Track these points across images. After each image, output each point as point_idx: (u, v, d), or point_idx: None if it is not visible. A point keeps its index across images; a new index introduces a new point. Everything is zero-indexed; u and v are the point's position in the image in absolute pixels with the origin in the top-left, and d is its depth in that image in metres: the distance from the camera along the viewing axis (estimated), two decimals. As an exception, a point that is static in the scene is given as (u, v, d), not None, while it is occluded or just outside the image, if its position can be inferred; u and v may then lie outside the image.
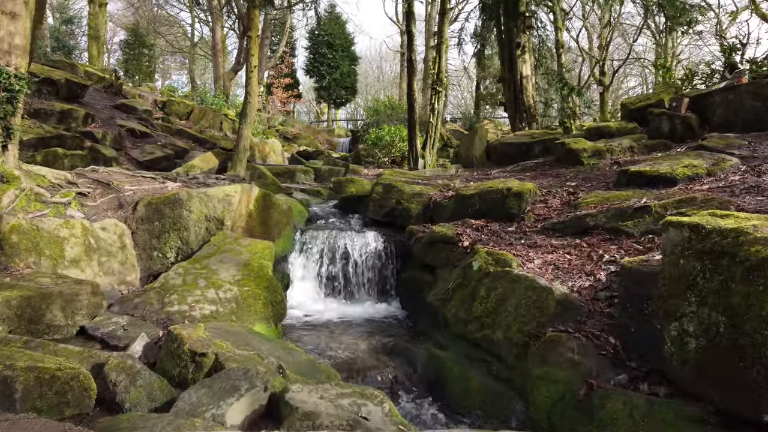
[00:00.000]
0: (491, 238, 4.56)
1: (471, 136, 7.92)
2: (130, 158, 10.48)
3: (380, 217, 6.03)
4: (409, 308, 4.94)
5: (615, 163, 6.46)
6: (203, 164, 8.76)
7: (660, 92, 7.66)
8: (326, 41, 31.87)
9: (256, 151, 15.16)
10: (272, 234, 5.39)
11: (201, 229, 4.37)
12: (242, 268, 3.86)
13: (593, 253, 3.66)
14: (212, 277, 3.72)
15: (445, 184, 6.29)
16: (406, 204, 5.83)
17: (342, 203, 7.27)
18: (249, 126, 8.12)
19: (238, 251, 4.05)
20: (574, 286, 3.23)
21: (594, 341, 2.73)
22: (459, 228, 4.84)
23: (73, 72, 13.99)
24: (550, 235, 4.40)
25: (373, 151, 16.12)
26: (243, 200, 4.85)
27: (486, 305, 3.42)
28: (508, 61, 9.94)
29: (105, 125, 11.02)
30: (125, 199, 4.41)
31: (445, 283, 4.22)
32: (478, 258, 3.74)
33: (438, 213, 5.60)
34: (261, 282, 3.78)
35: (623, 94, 40.89)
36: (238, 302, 3.52)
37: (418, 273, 4.91)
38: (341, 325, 4.45)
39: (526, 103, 9.59)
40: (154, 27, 32.66)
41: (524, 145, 7.58)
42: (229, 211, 4.47)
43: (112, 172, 5.10)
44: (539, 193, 5.39)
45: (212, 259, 3.93)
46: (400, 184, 6.04)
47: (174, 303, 3.42)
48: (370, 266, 5.40)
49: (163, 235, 4.29)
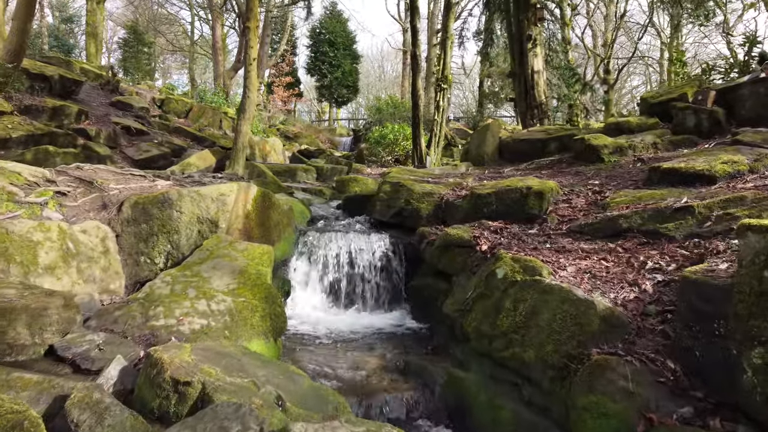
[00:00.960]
0: (512, 241, 4.14)
1: (482, 132, 7.51)
2: (125, 156, 10.09)
3: (388, 218, 5.62)
4: (421, 318, 4.52)
5: (638, 160, 6.05)
6: (200, 162, 8.36)
7: (682, 86, 7.24)
8: (328, 39, 31.49)
9: (257, 150, 14.80)
10: (272, 236, 4.98)
11: (193, 232, 3.97)
12: (238, 276, 3.45)
13: (633, 260, 3.24)
14: (204, 286, 3.31)
15: (456, 182, 5.88)
16: (416, 204, 5.42)
17: (346, 203, 6.86)
18: (248, 122, 7.71)
19: (234, 257, 3.64)
20: (617, 298, 2.81)
21: (649, 366, 2.32)
22: (476, 230, 4.42)
23: (68, 69, 13.63)
24: (578, 238, 3.99)
25: (376, 149, 15.72)
26: (240, 200, 4.44)
27: (513, 319, 3.01)
28: (519, 55, 9.52)
29: (99, 122, 10.63)
30: (110, 199, 4.01)
31: (462, 291, 3.81)
32: (502, 265, 3.33)
33: (451, 214, 5.19)
34: (258, 291, 3.37)
35: (626, 93, 40.42)
36: (232, 315, 3.11)
37: (431, 280, 4.50)
38: (347, 337, 4.04)
39: (538, 98, 9.18)
40: (154, 26, 32.34)
41: (539, 142, 7.16)
42: (223, 212, 4.06)
43: (98, 170, 4.69)
44: (561, 193, 4.98)
45: (204, 266, 3.52)
46: (409, 183, 5.63)
47: (160, 316, 3.01)
48: (378, 271, 4.99)
49: (151, 239, 3.88)
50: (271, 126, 22.35)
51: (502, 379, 2.93)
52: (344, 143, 24.93)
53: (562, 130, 7.40)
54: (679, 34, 27.96)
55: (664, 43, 31.61)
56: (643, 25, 25.81)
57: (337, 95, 31.90)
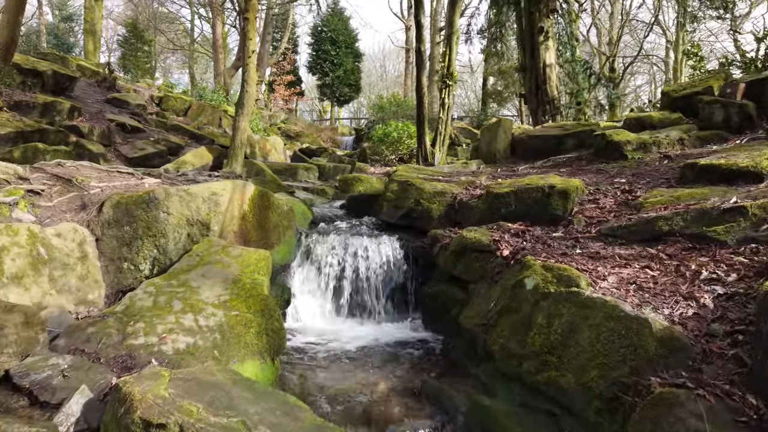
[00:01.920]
0: (536, 245, 3.73)
1: (493, 128, 7.11)
2: (119, 154, 9.70)
3: (395, 219, 5.21)
4: (435, 329, 4.11)
5: (665, 156, 5.63)
6: (196, 160, 7.96)
7: (707, 79, 6.82)
8: (329, 38, 31.07)
9: (257, 149, 14.42)
10: (270, 239, 4.58)
11: (181, 236, 3.56)
12: (230, 286, 3.04)
13: (683, 268, 2.82)
14: (191, 297, 2.90)
15: (469, 181, 5.47)
16: (427, 204, 5.01)
17: (350, 203, 6.46)
18: (246, 117, 7.31)
19: (226, 263, 3.24)
20: (673, 315, 2.40)
21: (726, 401, 1.90)
22: (494, 233, 4.01)
23: (63, 65, 13.25)
24: (611, 242, 3.57)
25: (380, 148, 15.30)
26: (235, 200, 4.04)
27: (547, 338, 2.60)
28: (530, 48, 9.11)
29: (93, 119, 10.24)
30: (90, 199, 3.61)
31: (483, 302, 3.40)
32: (531, 274, 2.92)
33: (465, 215, 4.77)
34: (254, 304, 2.96)
35: (630, 92, 39.92)
36: (223, 332, 2.71)
37: (445, 287, 4.09)
38: (353, 352, 3.63)
39: (550, 94, 8.76)
40: (155, 24, 31.99)
41: (555, 138, 6.75)
42: (215, 213, 3.66)
43: (81, 167, 4.30)
44: (586, 192, 4.57)
45: (193, 274, 3.12)
46: (418, 182, 5.22)
47: (139, 334, 2.61)
48: (386, 277, 4.58)
49: (135, 243, 3.48)
50: (272, 125, 21.95)
51: (536, 408, 2.52)
52: (346, 142, 24.58)
53: (580, 125, 6.99)
54: (684, 32, 27.55)
55: (670, 41, 31.18)
56: (649, 23, 25.40)
57: (338, 94, 31.47)
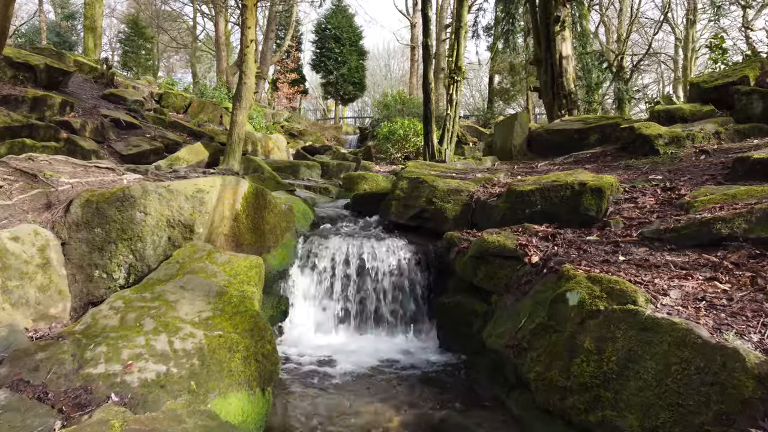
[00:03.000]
0: (569, 251, 3.24)
1: (509, 123, 6.62)
2: (113, 151, 9.27)
3: (405, 219, 4.72)
4: (452, 346, 3.62)
5: (701, 151, 5.12)
6: (191, 156, 7.50)
7: (742, 68, 6.30)
8: (333, 35, 30.62)
9: (259, 147, 14.01)
10: (266, 242, 4.11)
11: (161, 239, 3.09)
12: (214, 300, 2.57)
13: (761, 281, 2.33)
14: (167, 314, 2.43)
15: (486, 178, 4.98)
16: (440, 204, 4.52)
17: (355, 203, 5.98)
18: (244, 111, 6.85)
19: (211, 272, 2.76)
20: (765, 342, 1.91)
21: None
22: (521, 236, 3.52)
23: (59, 60, 12.86)
24: (658, 247, 3.07)
25: (385, 146, 14.83)
26: (226, 198, 3.57)
27: (599, 366, 2.11)
28: (545, 39, 8.61)
29: (86, 115, 9.81)
30: (57, 197, 3.14)
31: (510, 317, 2.91)
32: (575, 286, 2.42)
33: (483, 215, 4.28)
34: (242, 322, 2.49)
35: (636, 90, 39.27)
36: (203, 357, 2.23)
37: (463, 298, 3.60)
38: (359, 375, 3.16)
39: (567, 87, 8.25)
40: (158, 22, 31.66)
41: (576, 133, 6.24)
42: (201, 213, 3.18)
43: (54, 161, 3.84)
44: (621, 190, 4.07)
45: (170, 285, 2.65)
46: (430, 179, 4.73)
47: (99, 360, 2.14)
48: (396, 285, 4.10)
49: (107, 247, 3.02)
50: (275, 123, 21.53)
51: (588, 456, 2.03)
52: (350, 141, 24.17)
53: (603, 119, 6.48)
54: (694, 29, 26.94)
55: (678, 39, 30.59)
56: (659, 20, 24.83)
57: (343, 92, 31.01)
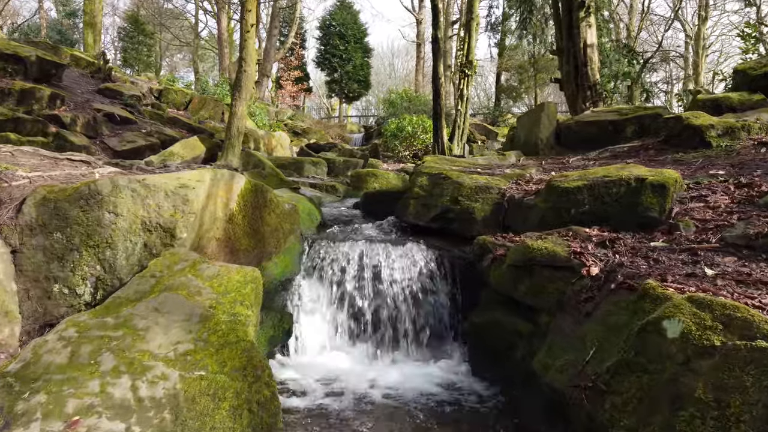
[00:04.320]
0: (635, 260, 2.64)
1: (534, 115, 6.03)
2: (105, 147, 8.72)
3: (426, 221, 4.12)
4: (488, 373, 3.02)
5: (760, 143, 4.51)
6: (186, 152, 6.93)
7: (795, 52, 5.67)
8: (338, 32, 30.04)
9: (261, 145, 13.47)
10: (267, 248, 3.53)
11: (135, 246, 2.51)
12: (196, 327, 1.98)
13: None
14: (133, 347, 1.85)
15: (517, 174, 4.38)
16: (467, 203, 3.92)
17: (366, 202, 5.39)
18: (244, 102, 6.26)
19: (194, 288, 2.18)
20: None
21: None
22: (572, 242, 2.92)
23: (55, 54, 12.34)
24: (749, 257, 2.47)
25: (393, 143, 14.25)
26: (217, 195, 2.99)
27: (724, 427, 1.51)
28: (567, 27, 8.00)
29: (78, 109, 9.26)
30: (10, 194, 2.57)
31: (570, 344, 2.32)
32: (674, 311, 1.82)
33: (518, 217, 3.68)
34: (231, 357, 1.90)
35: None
36: (177, 409, 1.65)
37: (501, 315, 3.00)
38: (376, 409, 2.57)
39: (592, 78, 7.64)
40: (160, 20, 31.20)
41: (610, 125, 5.64)
42: (185, 214, 2.59)
43: (19, 152, 3.28)
44: (684, 187, 3.46)
45: (142, 306, 2.06)
46: (454, 175, 4.13)
47: (34, 416, 1.56)
48: (417, 298, 3.51)
49: (69, 256, 2.44)
50: (279, 121, 21.00)
51: None
52: (355, 139, 23.65)
53: (641, 109, 5.87)
54: (705, 26, 26.27)
55: (689, 36, 29.92)
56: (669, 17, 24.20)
57: (347, 90, 30.40)
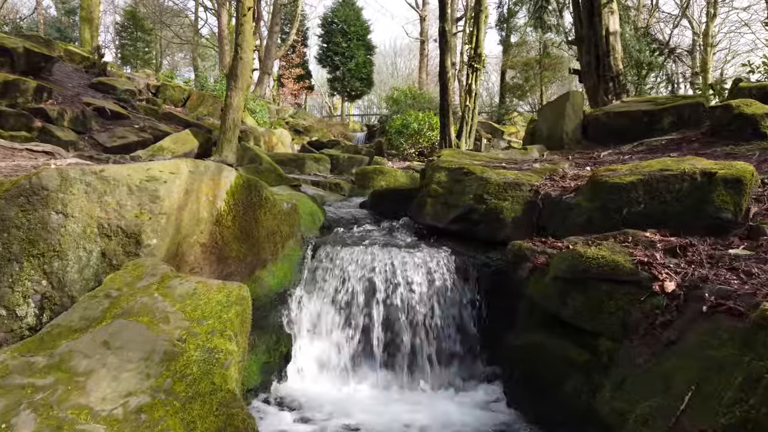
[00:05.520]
0: (718, 272, 2.11)
1: (558, 105, 5.49)
2: (95, 143, 8.21)
3: (446, 223, 3.58)
4: (529, 408, 2.48)
5: (825, 135, 3.97)
6: (176, 147, 6.40)
7: None
8: (340, 29, 29.52)
9: (261, 142, 12.98)
10: (262, 254, 3.01)
11: (91, 255, 1.97)
12: (157, 371, 1.45)
13: None
14: (66, 401, 1.31)
15: (548, 169, 3.83)
16: (494, 201, 3.37)
17: (374, 201, 4.85)
18: (240, 92, 5.72)
19: (161, 313, 1.64)
20: None
21: None
22: (635, 250, 2.38)
23: (48, 47, 11.86)
24: None
25: (398, 141, 13.73)
26: (201, 192, 2.46)
27: None
28: (588, 14, 7.47)
29: (67, 103, 8.75)
30: (-65, 188, 2.04)
31: (648, 382, 1.78)
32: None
33: (557, 217, 3.14)
34: (203, 416, 1.36)
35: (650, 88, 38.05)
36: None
37: (545, 338, 2.46)
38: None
39: (614, 68, 7.10)
40: (160, 18, 30.74)
41: (645, 115, 5.09)
42: (154, 215, 2.05)
43: (-33, 141, 2.74)
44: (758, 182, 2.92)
45: (86, 339, 1.53)
46: (478, 169, 3.59)
47: None
48: (438, 314, 2.97)
49: (6, 268, 1.91)
50: (280, 119, 20.49)
51: None
52: (358, 138, 23.18)
53: (679, 98, 5.33)
54: (713, 23, 25.72)
55: (696, 33, 29.32)
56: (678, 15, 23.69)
57: (350, 88, 29.86)
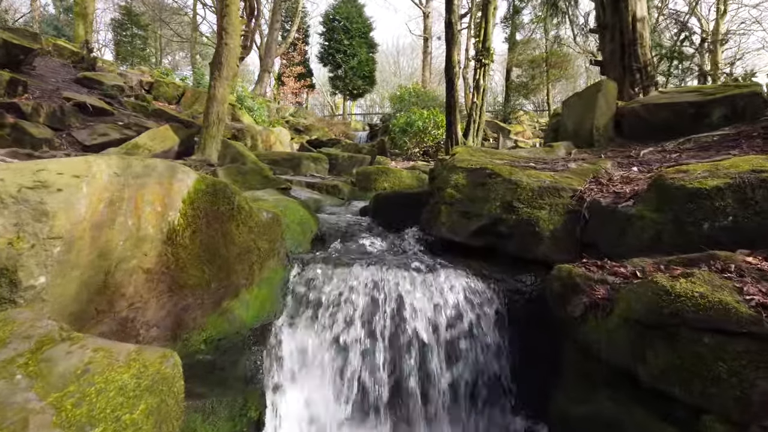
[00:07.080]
0: None
1: (588, 96, 4.81)
2: (73, 140, 7.55)
3: (465, 236, 2.89)
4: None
5: None
6: (155, 144, 5.74)
7: None
8: (342, 26, 28.88)
9: (259, 141, 12.31)
10: (233, 279, 2.34)
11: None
12: None
13: None
14: None
15: (589, 170, 3.14)
16: (527, 211, 2.68)
17: (377, 207, 4.16)
18: (225, 82, 5.05)
19: (18, 417, 0.96)
20: None
21: None
22: (741, 282, 1.69)
23: (34, 41, 11.25)
24: None
25: (402, 140, 13.05)
26: (140, 200, 1.79)
27: None
28: (611, 0, 6.79)
29: (44, 97, 8.10)
30: None
31: None
32: None
33: (609, 232, 2.45)
34: None
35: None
36: None
37: (615, 407, 1.77)
38: None
39: (642, 58, 6.41)
40: (159, 15, 30.19)
41: (691, 107, 4.40)
42: (39, 240, 1.36)
43: None
44: None
45: None
46: (505, 171, 2.91)
47: None
48: (460, 358, 2.29)
49: None
50: (280, 118, 19.85)
51: None
52: (360, 137, 22.55)
53: (731, 87, 4.64)
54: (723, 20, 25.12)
55: (705, 30, 28.63)
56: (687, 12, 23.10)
57: (352, 87, 29.20)
